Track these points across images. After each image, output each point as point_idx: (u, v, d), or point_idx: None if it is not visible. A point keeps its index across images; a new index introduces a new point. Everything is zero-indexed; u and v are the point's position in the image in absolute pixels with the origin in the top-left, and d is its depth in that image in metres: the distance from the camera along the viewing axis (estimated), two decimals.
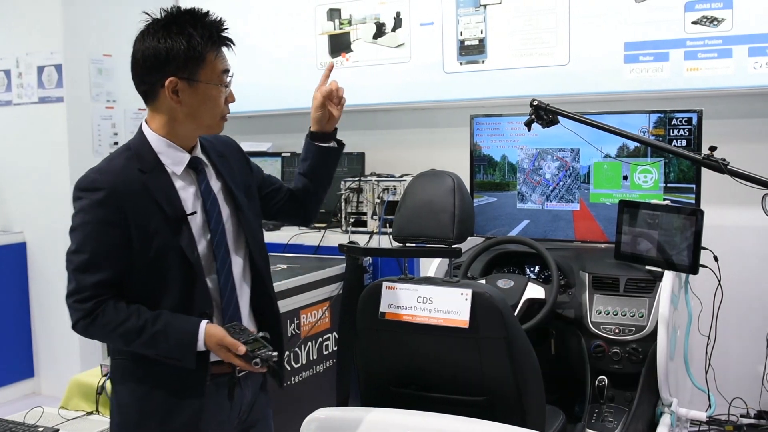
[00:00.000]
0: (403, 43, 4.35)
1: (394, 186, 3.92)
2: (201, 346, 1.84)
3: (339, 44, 4.55)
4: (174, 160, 1.93)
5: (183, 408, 1.91)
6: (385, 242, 3.62)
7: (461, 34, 4.18)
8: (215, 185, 2.00)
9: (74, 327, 1.86)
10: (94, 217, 1.83)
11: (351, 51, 4.51)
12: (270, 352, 1.83)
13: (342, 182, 4.09)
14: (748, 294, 3.44)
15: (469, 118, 3.52)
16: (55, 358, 4.74)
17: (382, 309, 2.18)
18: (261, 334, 1.91)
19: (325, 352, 3.45)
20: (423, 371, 2.23)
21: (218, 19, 1.93)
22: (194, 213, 1.91)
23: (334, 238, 3.91)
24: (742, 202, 2.63)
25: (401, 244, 2.28)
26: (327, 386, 3.42)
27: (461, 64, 4.19)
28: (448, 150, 3.98)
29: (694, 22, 3.63)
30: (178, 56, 1.85)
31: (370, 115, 4.60)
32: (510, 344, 2.11)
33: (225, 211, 2.00)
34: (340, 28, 4.54)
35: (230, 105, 1.99)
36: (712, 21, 3.58)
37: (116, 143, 4.44)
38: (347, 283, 2.34)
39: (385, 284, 2.20)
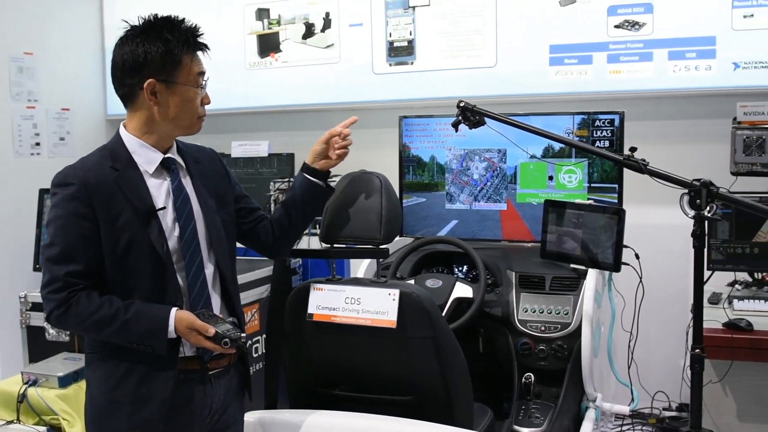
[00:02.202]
0: (332, 44, 4.35)
1: None
2: (172, 332, 1.89)
3: (268, 44, 4.51)
4: (147, 159, 1.99)
5: (151, 398, 1.93)
6: (315, 244, 3.60)
7: (390, 36, 4.19)
8: (188, 186, 2.07)
9: (48, 318, 1.92)
10: (65, 211, 1.90)
11: (280, 51, 4.48)
12: (238, 333, 1.91)
13: (271, 183, 4.06)
14: (668, 290, 3.54)
15: (398, 119, 3.54)
16: None
17: (310, 310, 2.18)
18: (230, 319, 1.98)
19: (255, 355, 3.42)
20: (351, 372, 2.24)
21: (194, 25, 2.05)
22: (164, 208, 1.97)
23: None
24: (662, 201, 2.70)
25: (329, 245, 2.28)
26: (258, 389, 3.39)
27: (390, 65, 4.21)
28: (378, 151, 3.99)
29: (616, 26, 3.71)
30: (156, 59, 1.94)
31: (299, 115, 4.57)
32: (437, 343, 2.13)
33: (197, 211, 2.06)
34: (269, 28, 4.51)
35: None
36: (634, 25, 3.68)
37: (38, 143, 4.31)
38: (275, 284, 2.33)
39: (313, 285, 2.20)
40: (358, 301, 2.14)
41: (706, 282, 2.87)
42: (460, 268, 3.21)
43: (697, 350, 2.34)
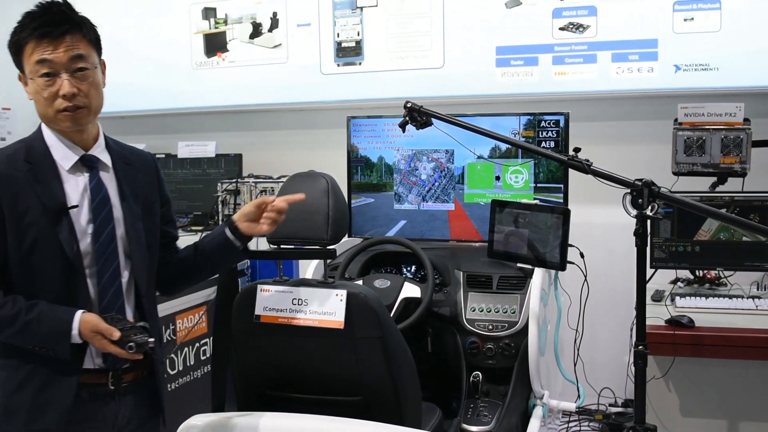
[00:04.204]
0: (280, 44, 4.32)
1: (272, 188, 3.88)
2: (76, 336, 1.80)
3: (214, 44, 4.47)
4: (64, 154, 1.90)
5: (50, 407, 1.85)
6: (264, 245, 3.58)
7: (338, 36, 4.19)
8: (111, 187, 1.96)
9: None
10: None
11: (227, 51, 4.45)
12: (146, 338, 1.81)
13: (219, 184, 4.03)
14: (612, 288, 3.60)
15: (346, 119, 3.53)
16: None
17: (257, 312, 2.16)
18: (141, 323, 1.88)
19: (203, 357, 3.38)
20: (299, 373, 2.23)
21: (55, 9, 1.87)
22: (76, 207, 1.87)
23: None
24: (606, 201, 2.74)
25: (276, 246, 2.27)
26: (206, 392, 3.35)
27: (338, 65, 4.20)
28: (326, 151, 3.99)
29: (561, 29, 3.76)
30: (12, 50, 1.88)
31: (247, 115, 4.54)
32: (385, 344, 2.12)
33: (118, 214, 1.96)
34: (216, 28, 4.47)
35: (104, 104, 1.96)
36: (578, 27, 3.73)
37: None
38: (221, 286, 2.30)
39: (259, 287, 2.18)
40: (305, 302, 2.13)
41: (649, 280, 2.93)
42: (409, 269, 3.22)
43: (641, 347, 2.38)
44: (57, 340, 1.81)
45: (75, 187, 1.90)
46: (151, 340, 1.83)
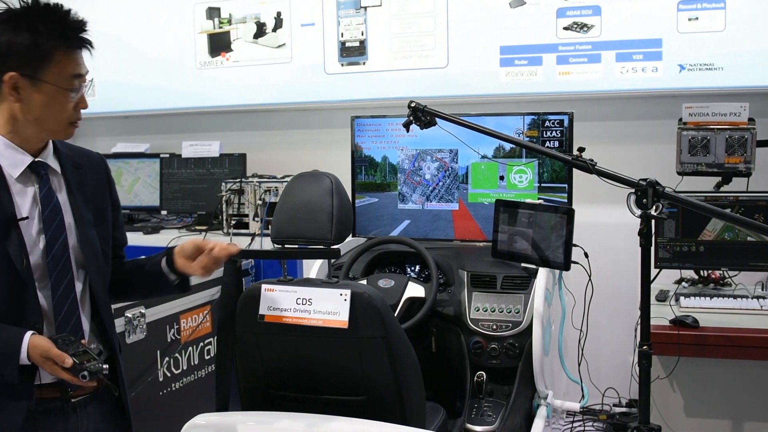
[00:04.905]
0: (284, 44, 4.32)
1: (276, 187, 3.89)
2: (24, 359, 1.69)
3: (219, 44, 4.47)
4: (12, 161, 1.78)
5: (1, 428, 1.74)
6: (268, 244, 3.59)
7: (342, 36, 4.19)
8: (61, 194, 1.87)
9: None
10: None
11: (231, 51, 4.45)
12: (100, 365, 1.71)
13: (223, 184, 4.04)
14: (617, 288, 3.59)
15: (350, 119, 3.54)
16: None
17: (261, 311, 2.16)
18: (93, 346, 1.80)
19: (207, 357, 3.38)
20: (303, 373, 2.23)
21: (80, 19, 1.81)
22: (26, 218, 1.77)
23: (216, 240, 3.84)
24: (610, 200, 2.74)
25: (280, 246, 2.27)
26: (209, 391, 3.35)
27: (342, 65, 4.20)
28: (330, 151, 3.99)
29: (565, 28, 3.76)
30: (21, 51, 1.72)
31: (251, 115, 4.55)
32: (389, 343, 2.13)
33: (69, 223, 1.86)
34: (220, 28, 4.47)
35: (106, 105, 1.91)
36: (582, 27, 3.73)
37: None
38: (225, 286, 2.29)
39: (264, 286, 2.18)
40: (309, 302, 2.12)
41: (654, 280, 2.92)
42: (413, 268, 3.22)
43: (645, 347, 2.38)
44: (4, 364, 1.69)
45: (24, 197, 1.79)
46: (105, 366, 1.72)
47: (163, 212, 4.48)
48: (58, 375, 1.70)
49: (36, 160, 1.82)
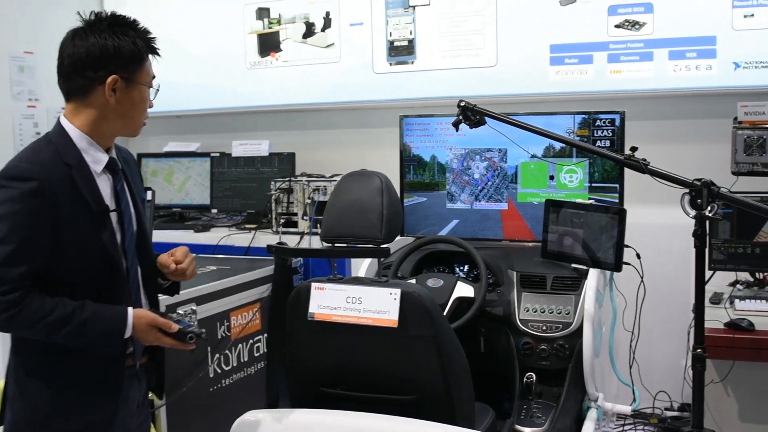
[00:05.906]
0: (332, 43, 4.35)
1: (324, 186, 3.90)
2: (129, 332, 1.90)
3: (268, 44, 4.51)
4: (95, 158, 1.95)
5: (102, 402, 1.94)
6: (317, 243, 3.61)
7: (391, 35, 4.19)
8: (126, 187, 2.05)
9: None
10: (24, 207, 1.80)
11: (280, 51, 4.49)
12: (199, 328, 1.94)
13: (272, 183, 4.07)
14: (669, 290, 3.54)
15: (398, 118, 3.54)
16: None
17: (311, 310, 2.18)
18: (187, 310, 2.04)
19: (257, 354, 3.41)
20: (352, 371, 2.23)
21: (145, 28, 2.01)
22: (114, 210, 1.95)
23: (265, 239, 3.89)
24: (663, 201, 2.71)
25: (330, 245, 2.28)
26: (258, 388, 3.39)
27: (391, 64, 4.21)
28: (379, 150, 4.00)
29: (616, 26, 3.71)
30: (124, 55, 1.92)
31: (300, 115, 4.58)
32: (439, 343, 2.12)
33: (133, 212, 2.04)
34: (269, 28, 4.51)
35: (158, 105, 2.06)
36: (634, 25, 3.68)
37: None
38: (276, 284, 2.32)
39: (314, 285, 2.19)
40: (359, 301, 2.13)
41: (708, 282, 2.88)
42: (461, 268, 3.21)
43: (699, 350, 2.34)
44: (111, 338, 1.89)
45: (106, 190, 1.96)
46: (203, 330, 1.95)
47: (214, 210, 4.53)
48: (159, 342, 1.95)
49: (111, 156, 2.00)
